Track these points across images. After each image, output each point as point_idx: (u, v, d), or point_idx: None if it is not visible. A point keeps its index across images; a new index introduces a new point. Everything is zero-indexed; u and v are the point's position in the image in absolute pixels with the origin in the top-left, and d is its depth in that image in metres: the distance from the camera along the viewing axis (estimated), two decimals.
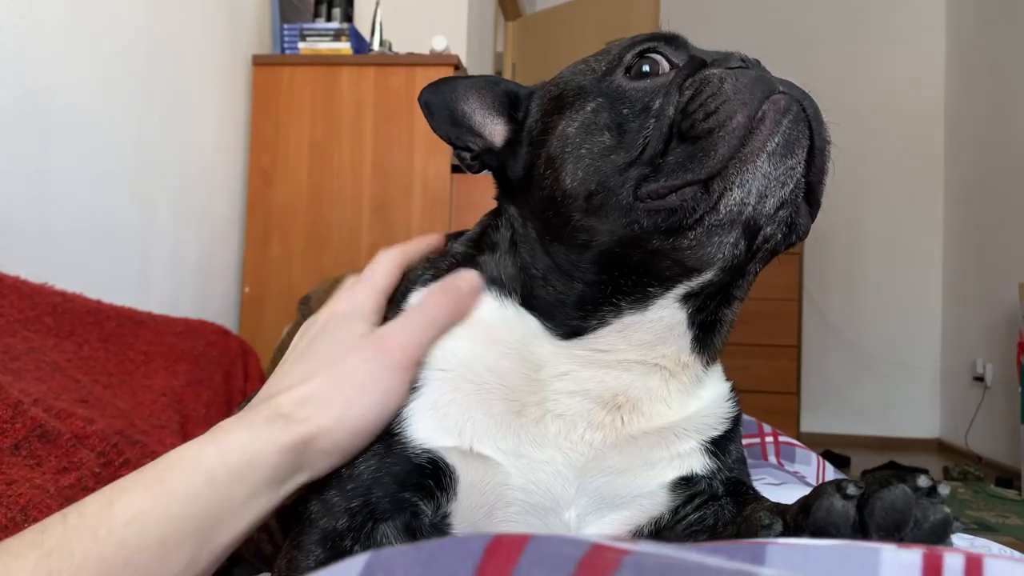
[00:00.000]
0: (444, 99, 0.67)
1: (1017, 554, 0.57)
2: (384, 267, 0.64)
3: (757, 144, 0.51)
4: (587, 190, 0.56)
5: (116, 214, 2.00)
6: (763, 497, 0.61)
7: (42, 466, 0.90)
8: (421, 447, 0.57)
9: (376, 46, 2.86)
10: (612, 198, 0.55)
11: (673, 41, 0.61)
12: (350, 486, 0.57)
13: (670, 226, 0.53)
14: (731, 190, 0.51)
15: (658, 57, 0.59)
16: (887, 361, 5.11)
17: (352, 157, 2.64)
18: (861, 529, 0.46)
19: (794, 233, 0.55)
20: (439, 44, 2.71)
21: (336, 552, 0.56)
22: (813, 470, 1.01)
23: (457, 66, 2.62)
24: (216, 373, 1.67)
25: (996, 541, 0.61)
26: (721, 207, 0.52)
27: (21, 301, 1.26)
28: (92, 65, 1.88)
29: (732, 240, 0.53)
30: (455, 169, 2.62)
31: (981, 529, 2.93)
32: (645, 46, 0.60)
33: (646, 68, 0.59)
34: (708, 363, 0.62)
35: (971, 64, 4.88)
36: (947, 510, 0.45)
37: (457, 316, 0.60)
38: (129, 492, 0.47)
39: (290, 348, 0.63)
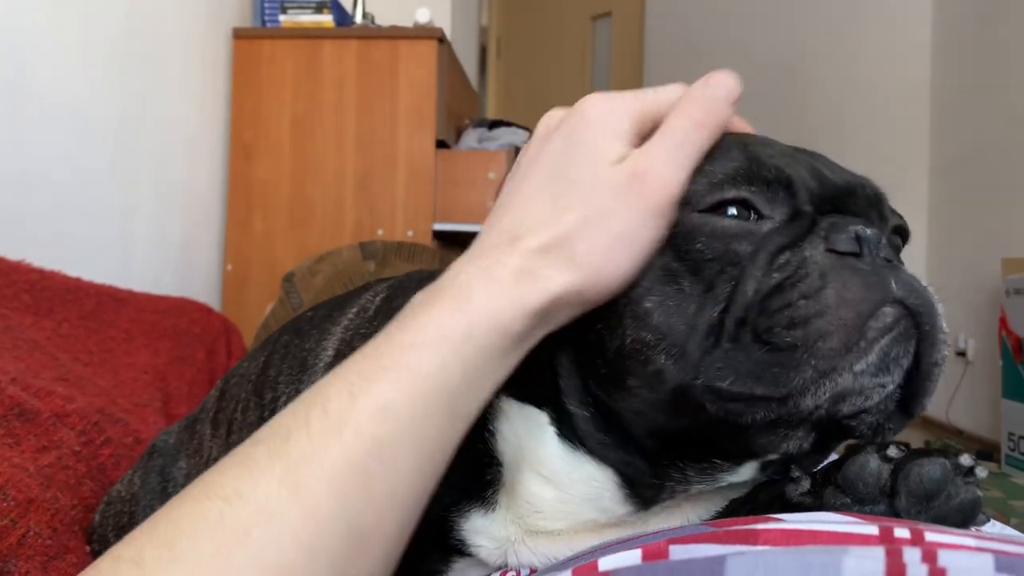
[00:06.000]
0: None
1: (1000, 526, 0.58)
2: (665, 93, 0.51)
3: (844, 365, 0.44)
4: (656, 367, 0.48)
5: (95, 191, 1.97)
6: None
7: (21, 445, 0.89)
8: None
9: (359, 19, 2.82)
10: (678, 379, 0.48)
11: (775, 186, 0.49)
12: None
13: (733, 422, 0.47)
14: (804, 398, 0.45)
15: (745, 211, 0.49)
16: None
17: (335, 132, 2.61)
18: (890, 493, 0.46)
19: (879, 436, 0.49)
20: (423, 17, 2.67)
21: None
22: None
23: (441, 39, 2.59)
24: (199, 351, 1.66)
25: None
26: (785, 412, 0.46)
27: None
28: (69, 39, 1.85)
29: (801, 434, 0.48)
30: (439, 144, 2.60)
31: None
32: (733, 194, 0.48)
33: (733, 211, 0.48)
34: None
35: (957, 40, 4.88)
36: (979, 492, 0.45)
37: (718, 135, 0.50)
38: (371, 381, 0.43)
39: (527, 156, 0.52)
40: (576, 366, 0.53)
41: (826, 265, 0.45)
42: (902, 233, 0.55)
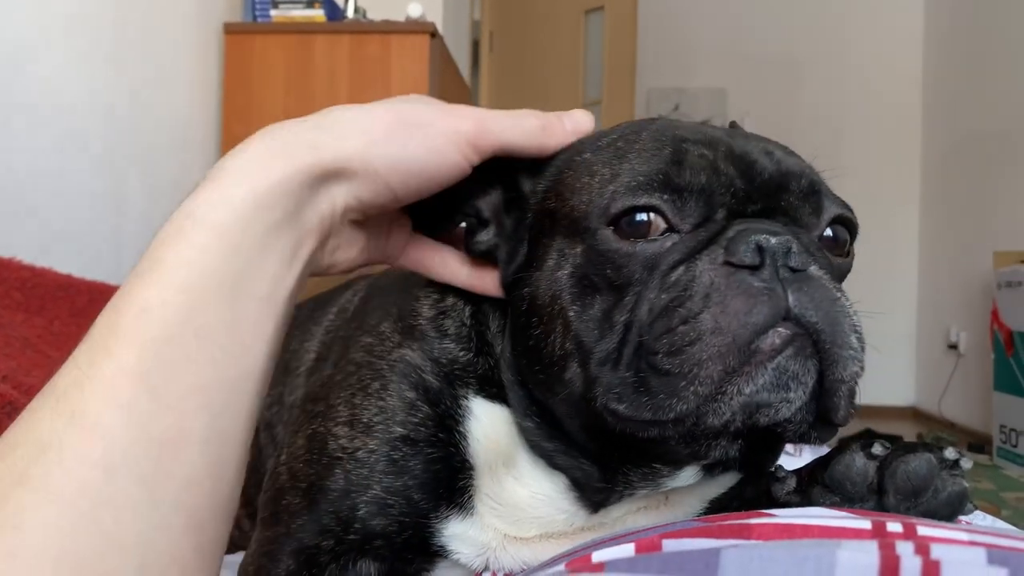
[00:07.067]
0: None
1: (992, 520, 0.58)
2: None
3: (731, 388, 0.43)
4: (570, 375, 0.49)
5: (86, 187, 1.96)
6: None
7: None
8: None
9: (350, 13, 2.81)
10: (584, 392, 0.48)
11: (687, 195, 0.48)
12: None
13: (636, 436, 0.47)
14: (706, 419, 0.44)
15: (654, 217, 0.48)
16: (863, 329, 5.15)
17: None
18: (878, 491, 0.46)
19: (806, 440, 0.48)
20: (415, 11, 2.66)
21: (310, 568, 0.54)
22: None
23: (433, 34, 2.58)
24: None
25: None
26: (695, 430, 0.45)
27: None
28: (59, 33, 1.83)
29: (724, 443, 0.47)
30: None
31: None
32: (644, 201, 0.48)
33: (642, 218, 0.48)
34: None
35: (949, 33, 4.88)
36: (965, 484, 0.45)
37: (541, 150, 0.52)
38: (129, 292, 0.40)
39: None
40: (517, 373, 0.54)
41: (713, 285, 0.44)
42: (846, 224, 0.53)
